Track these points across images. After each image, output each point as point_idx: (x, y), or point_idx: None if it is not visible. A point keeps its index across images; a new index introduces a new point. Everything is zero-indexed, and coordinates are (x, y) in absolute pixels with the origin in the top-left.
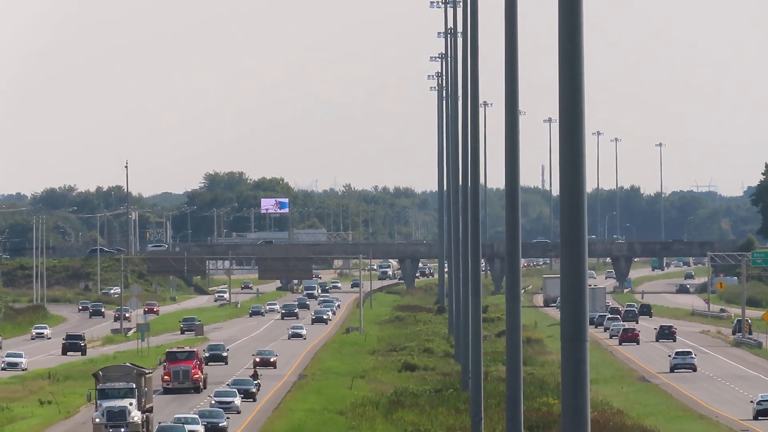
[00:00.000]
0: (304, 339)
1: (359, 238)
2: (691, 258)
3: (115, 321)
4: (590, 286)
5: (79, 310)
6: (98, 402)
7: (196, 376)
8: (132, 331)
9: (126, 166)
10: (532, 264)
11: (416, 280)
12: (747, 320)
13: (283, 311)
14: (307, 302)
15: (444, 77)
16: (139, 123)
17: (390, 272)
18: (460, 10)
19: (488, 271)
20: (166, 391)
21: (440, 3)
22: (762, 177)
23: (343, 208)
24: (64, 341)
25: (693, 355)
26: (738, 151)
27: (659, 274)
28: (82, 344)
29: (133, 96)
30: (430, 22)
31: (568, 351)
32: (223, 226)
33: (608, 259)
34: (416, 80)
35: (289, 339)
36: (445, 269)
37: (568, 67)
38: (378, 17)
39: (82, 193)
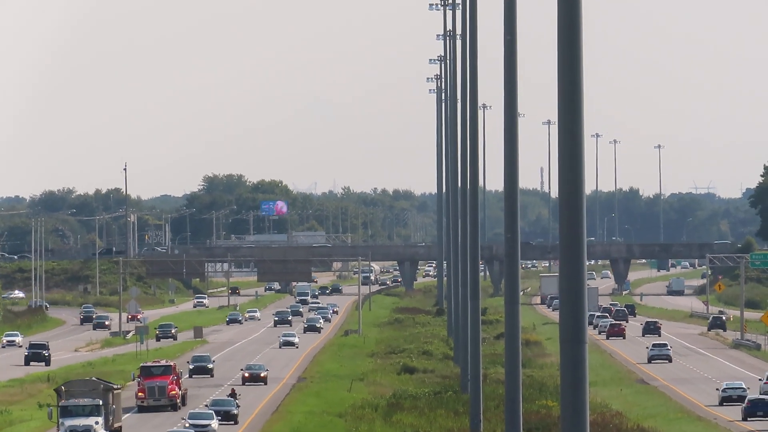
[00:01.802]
0: (297, 348)
1: (358, 241)
2: (696, 260)
3: (94, 329)
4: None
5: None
6: (60, 421)
7: (173, 392)
8: (130, 334)
9: (125, 169)
10: (523, 266)
11: (400, 284)
12: (727, 317)
13: (276, 318)
14: (300, 309)
15: (443, 79)
16: (137, 125)
17: (372, 277)
18: (459, 13)
19: (487, 273)
20: (141, 409)
21: (439, 5)
22: (761, 179)
23: (342, 211)
24: (26, 351)
25: (668, 347)
26: (737, 153)
27: (659, 275)
28: (46, 354)
29: (131, 98)
30: (429, 25)
31: (567, 353)
32: (222, 228)
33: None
34: (415, 82)
35: (280, 348)
36: (441, 272)
37: (567, 69)
38: (377, 20)
39: (80, 195)
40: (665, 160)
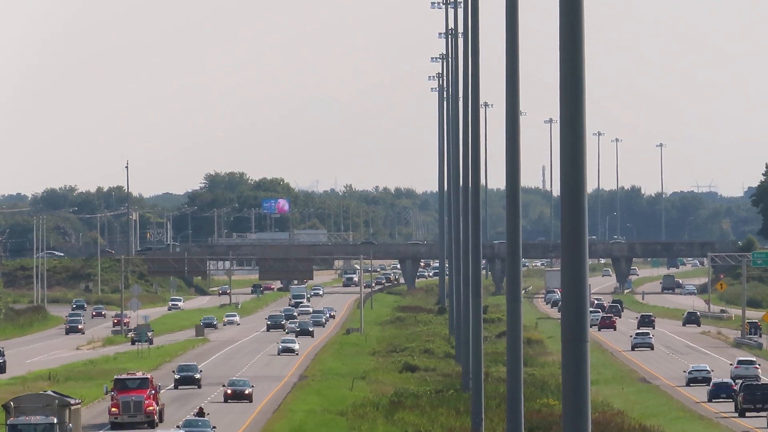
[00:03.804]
0: (297, 354)
1: (360, 239)
2: (705, 258)
3: (67, 334)
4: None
5: (93, 316)
6: None
7: (150, 408)
8: (131, 333)
9: (126, 167)
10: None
11: (385, 286)
12: (728, 315)
13: (269, 322)
14: (294, 312)
15: (445, 78)
16: (139, 123)
17: (356, 278)
18: (460, 11)
19: (489, 272)
20: (114, 426)
21: (441, 3)
22: (762, 177)
23: (344, 209)
24: None
25: (651, 336)
26: (738, 152)
27: (663, 274)
28: (0, 360)
29: (133, 96)
30: (431, 23)
31: (568, 352)
32: (223, 226)
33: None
34: (417, 81)
35: (279, 354)
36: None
37: (569, 67)
38: (379, 17)
39: (82, 193)
40: (667, 159)
